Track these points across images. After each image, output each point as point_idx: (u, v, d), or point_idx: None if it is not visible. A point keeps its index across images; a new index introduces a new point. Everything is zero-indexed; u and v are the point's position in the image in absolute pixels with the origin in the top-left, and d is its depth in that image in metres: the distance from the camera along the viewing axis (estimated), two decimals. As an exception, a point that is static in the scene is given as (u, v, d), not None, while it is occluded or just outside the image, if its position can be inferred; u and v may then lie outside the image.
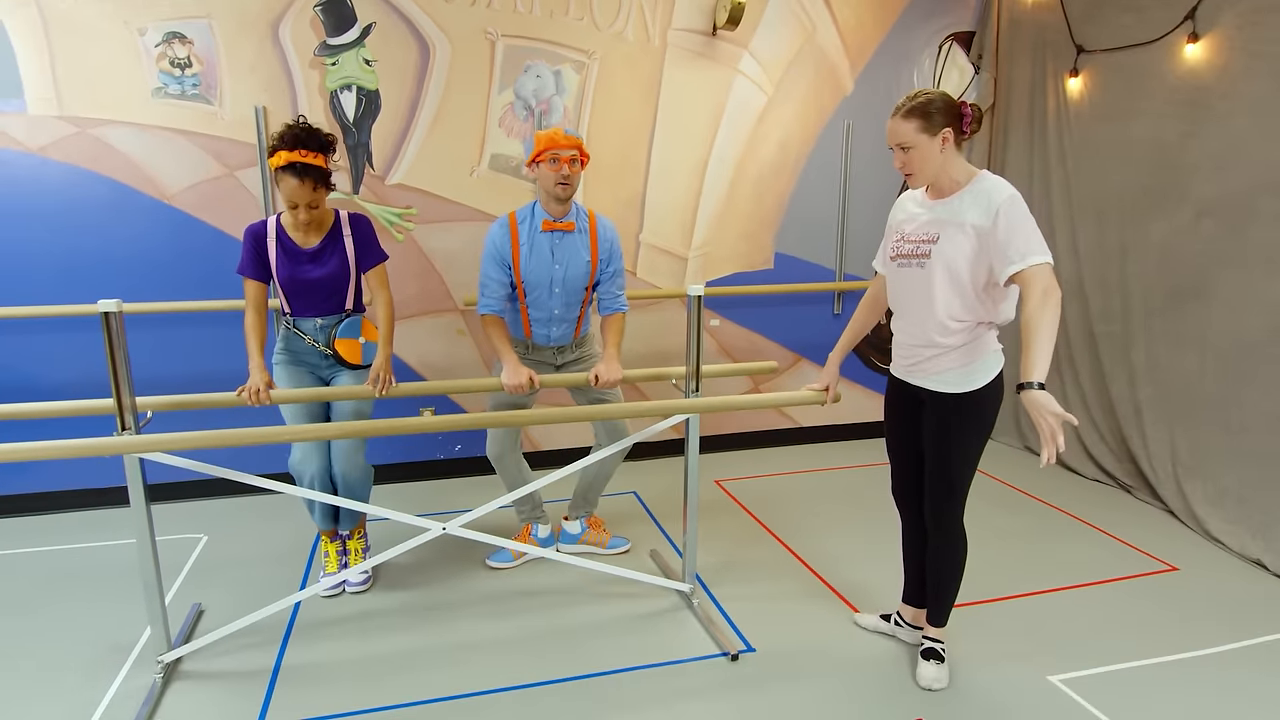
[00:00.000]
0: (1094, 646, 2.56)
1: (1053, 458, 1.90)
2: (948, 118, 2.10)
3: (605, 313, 2.92)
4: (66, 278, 3.45)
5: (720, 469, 4.17)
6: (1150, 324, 3.68)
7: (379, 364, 2.65)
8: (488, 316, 2.80)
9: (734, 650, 2.50)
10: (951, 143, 2.13)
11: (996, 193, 2.07)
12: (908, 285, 2.24)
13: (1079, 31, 3.94)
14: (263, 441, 2.26)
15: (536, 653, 2.54)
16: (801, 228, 4.34)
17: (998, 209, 2.04)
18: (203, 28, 3.43)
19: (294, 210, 2.56)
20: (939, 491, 2.28)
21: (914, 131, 2.11)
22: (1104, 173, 3.86)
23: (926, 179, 2.17)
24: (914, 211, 2.26)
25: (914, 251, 2.20)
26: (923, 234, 2.19)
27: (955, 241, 2.11)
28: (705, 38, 3.98)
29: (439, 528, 2.51)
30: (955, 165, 2.15)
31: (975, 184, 2.13)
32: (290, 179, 2.50)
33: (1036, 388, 1.93)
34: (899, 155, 2.16)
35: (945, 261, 2.12)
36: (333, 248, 2.70)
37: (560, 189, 2.73)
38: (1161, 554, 3.20)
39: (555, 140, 2.70)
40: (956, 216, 2.12)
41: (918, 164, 2.14)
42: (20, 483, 3.58)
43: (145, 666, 2.44)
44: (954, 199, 2.15)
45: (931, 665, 2.38)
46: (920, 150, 2.12)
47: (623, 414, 2.46)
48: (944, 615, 2.40)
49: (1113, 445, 3.93)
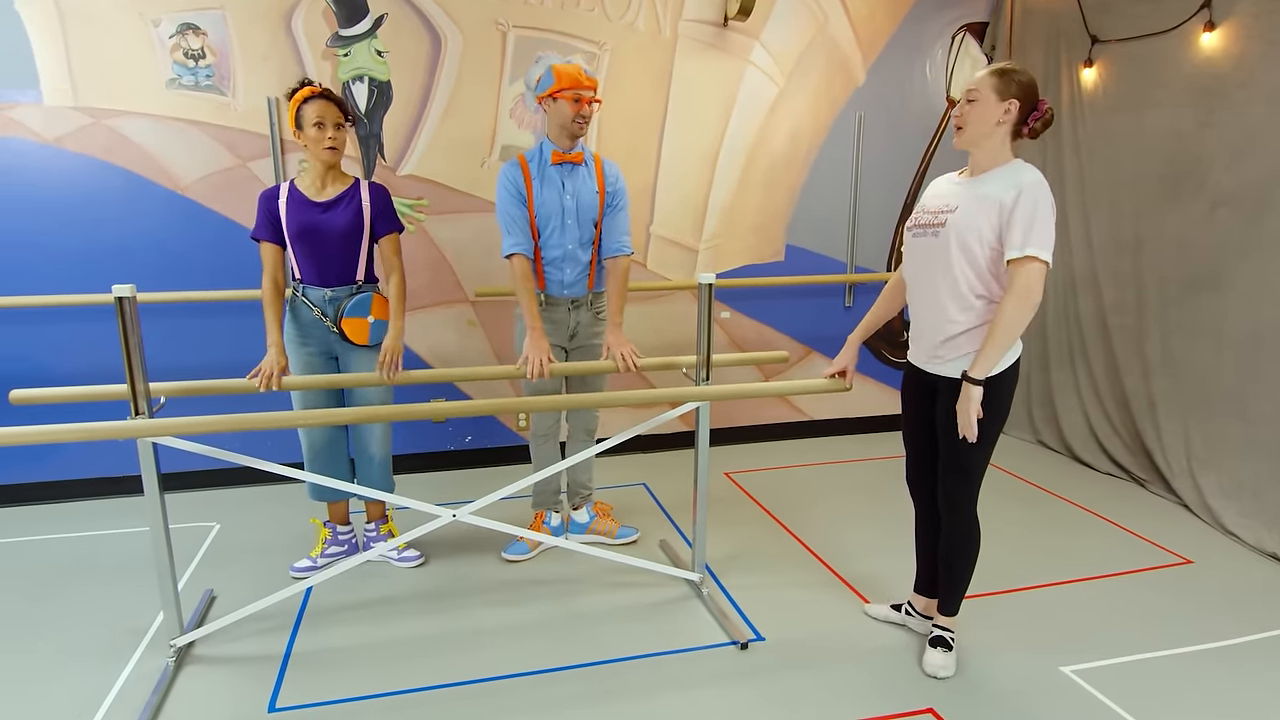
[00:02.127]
0: (1107, 638, 2.54)
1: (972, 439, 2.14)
2: (1024, 94, 2.11)
3: (608, 255, 2.89)
4: (80, 268, 3.48)
5: (730, 461, 4.17)
6: (1165, 316, 3.64)
7: (389, 343, 2.62)
8: (516, 260, 2.78)
9: (744, 639, 2.50)
10: (1013, 119, 2.12)
11: (1026, 173, 2.09)
12: (923, 257, 2.24)
13: (1093, 21, 3.91)
14: (275, 426, 2.27)
15: (549, 639, 2.54)
16: (813, 220, 4.32)
17: (1022, 188, 2.05)
18: (216, 19, 3.45)
19: (321, 129, 2.60)
20: (953, 477, 2.28)
21: (988, 86, 2.11)
22: (1119, 163, 3.83)
23: (971, 139, 2.16)
24: (944, 188, 2.26)
25: (930, 221, 2.21)
26: (942, 204, 2.20)
27: (970, 210, 2.12)
28: (716, 28, 3.97)
29: (449, 514, 2.52)
30: (1001, 145, 2.15)
31: (1009, 166, 2.15)
32: (318, 101, 2.59)
33: (972, 383, 2.10)
34: (961, 106, 2.16)
35: (959, 231, 2.13)
36: (348, 201, 2.70)
37: (577, 125, 2.76)
38: (1175, 547, 3.18)
39: (579, 80, 2.72)
40: (979, 189, 2.13)
41: (973, 118, 2.13)
42: (38, 471, 3.62)
43: (158, 650, 2.46)
44: (985, 176, 2.16)
45: (939, 653, 2.38)
46: (982, 106, 2.12)
47: (633, 401, 2.46)
48: (955, 604, 2.40)
49: (1126, 438, 3.90)
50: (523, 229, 2.80)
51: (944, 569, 2.39)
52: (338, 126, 2.63)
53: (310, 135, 2.61)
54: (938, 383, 2.28)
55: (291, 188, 2.69)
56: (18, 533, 3.32)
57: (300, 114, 2.61)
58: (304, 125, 2.61)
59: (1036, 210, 2.03)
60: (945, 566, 2.38)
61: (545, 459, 3.09)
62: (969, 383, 2.10)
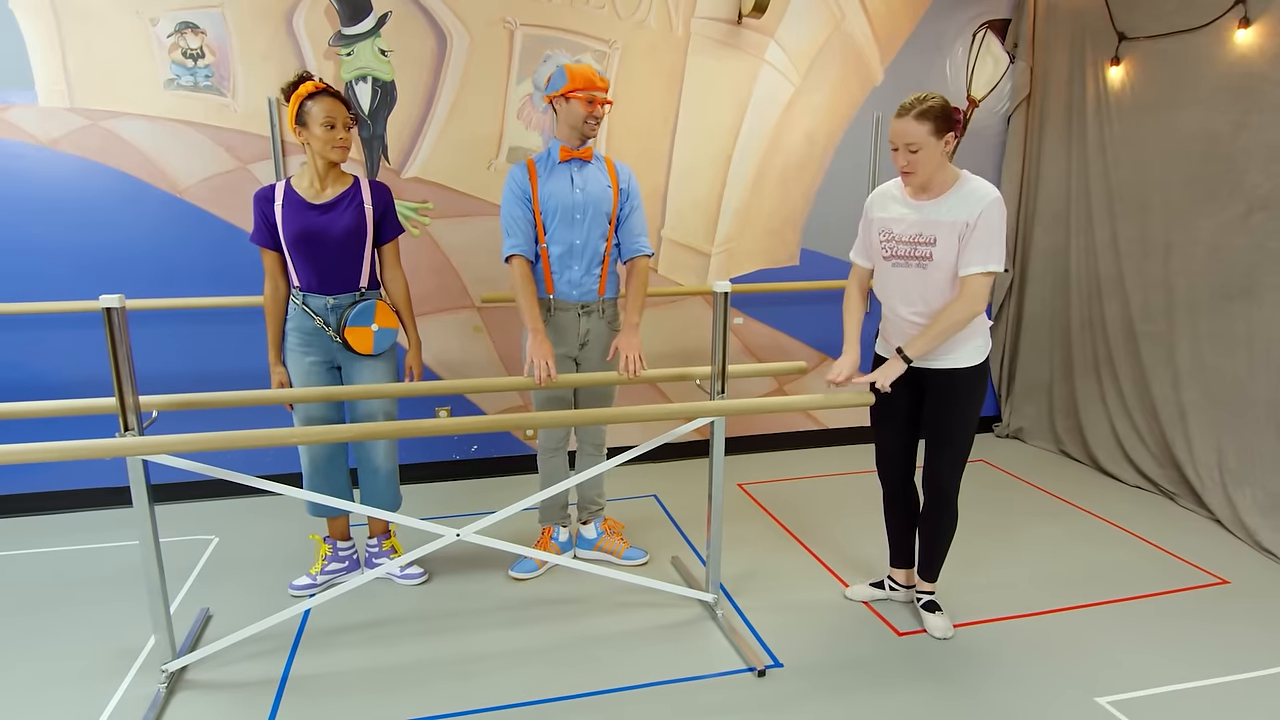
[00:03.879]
0: (1143, 666, 2.42)
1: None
2: (949, 121, 2.21)
3: (627, 257, 2.79)
4: (77, 273, 3.39)
5: (742, 471, 4.05)
6: (1196, 323, 3.51)
7: (412, 359, 2.70)
8: (515, 262, 2.67)
9: (760, 666, 2.38)
10: (952, 146, 2.24)
11: (984, 193, 2.23)
12: (906, 283, 2.37)
13: (1120, 18, 3.77)
14: (271, 444, 2.17)
15: (553, 665, 2.43)
16: (829, 222, 4.20)
17: (982, 209, 2.20)
18: (215, 17, 3.35)
19: (331, 130, 2.49)
20: (945, 461, 2.44)
21: (926, 134, 2.18)
22: (1147, 165, 3.69)
23: (924, 179, 2.26)
24: (900, 212, 2.36)
25: (911, 254, 2.33)
26: (917, 235, 2.31)
27: (950, 242, 2.25)
28: (730, 26, 3.85)
29: (452, 534, 2.41)
30: (947, 167, 2.28)
31: (962, 185, 2.27)
32: (326, 98, 2.49)
33: (904, 360, 2.31)
34: (904, 155, 2.23)
35: (946, 263, 2.27)
36: (348, 203, 2.59)
37: (589, 126, 2.67)
38: (1210, 566, 3.04)
39: (593, 81, 2.62)
40: (948, 217, 2.25)
41: (923, 165, 2.22)
42: (27, 481, 3.53)
43: (150, 674, 2.36)
44: (943, 200, 2.27)
45: (938, 616, 2.58)
46: (928, 152, 2.21)
47: (645, 418, 2.34)
48: (937, 571, 2.64)
49: (1155, 450, 3.76)
50: (524, 231, 2.69)
51: (930, 546, 2.58)
52: (346, 127, 2.53)
53: (318, 135, 2.49)
54: (923, 376, 2.42)
55: (287, 189, 2.57)
56: (7, 547, 3.22)
57: (305, 111, 2.49)
58: (309, 123, 2.49)
59: (993, 231, 2.20)
60: (931, 544, 2.58)
61: (553, 473, 2.98)
62: (900, 357, 2.32)
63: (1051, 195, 4.25)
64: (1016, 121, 4.32)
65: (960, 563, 3.01)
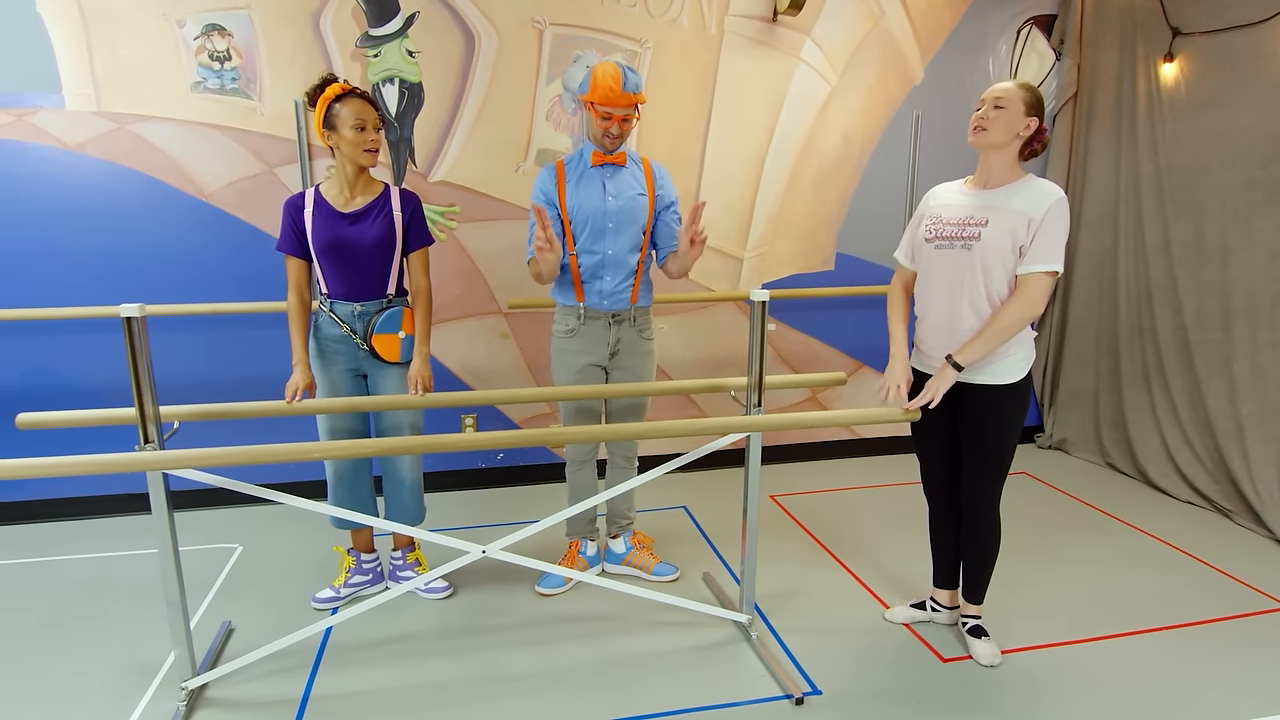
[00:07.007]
0: (1206, 700, 2.27)
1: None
2: (1041, 115, 2.20)
3: (669, 254, 2.68)
4: (102, 278, 3.36)
5: (775, 483, 3.93)
6: (1255, 332, 3.34)
7: (416, 368, 2.53)
8: (533, 262, 2.59)
9: (798, 693, 2.27)
10: (1028, 135, 2.19)
11: (1051, 190, 2.16)
12: (947, 267, 2.27)
13: (1174, 13, 3.61)
14: (292, 459, 2.10)
15: (580, 688, 2.34)
16: (865, 226, 4.07)
17: (1050, 205, 2.13)
18: (242, 19, 3.30)
19: (361, 132, 2.43)
20: (985, 475, 2.36)
21: (1018, 98, 2.17)
22: (1203, 166, 3.53)
23: (994, 142, 2.20)
24: (955, 199, 2.31)
25: (958, 234, 2.25)
26: (968, 217, 2.24)
27: (1006, 225, 2.17)
28: (765, 24, 3.74)
29: (478, 550, 2.33)
30: (1013, 160, 2.23)
31: (1027, 182, 2.21)
32: (356, 100, 2.43)
33: (954, 367, 2.22)
34: (988, 110, 2.19)
35: (995, 244, 2.18)
36: (378, 212, 2.53)
37: (607, 141, 2.57)
38: (1271, 589, 2.88)
39: (610, 98, 2.48)
40: (1008, 205, 2.18)
41: (999, 125, 2.18)
42: (51, 487, 3.51)
43: (169, 691, 2.31)
44: (1003, 190, 2.22)
45: (985, 642, 2.46)
46: (1009, 115, 2.17)
47: (679, 432, 2.25)
48: (983, 592, 2.52)
49: (1209, 464, 3.59)
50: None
51: (974, 565, 2.48)
52: (376, 129, 2.47)
53: (348, 137, 2.43)
54: (965, 391, 2.32)
55: (317, 196, 2.52)
56: (32, 553, 3.20)
57: (333, 114, 2.43)
58: (339, 126, 2.43)
59: (1058, 230, 2.13)
60: (975, 563, 2.47)
61: (581, 487, 2.89)
62: (950, 365, 2.22)
63: (1098, 197, 4.09)
64: (1062, 121, 4.16)
65: (1004, 583, 2.87)
